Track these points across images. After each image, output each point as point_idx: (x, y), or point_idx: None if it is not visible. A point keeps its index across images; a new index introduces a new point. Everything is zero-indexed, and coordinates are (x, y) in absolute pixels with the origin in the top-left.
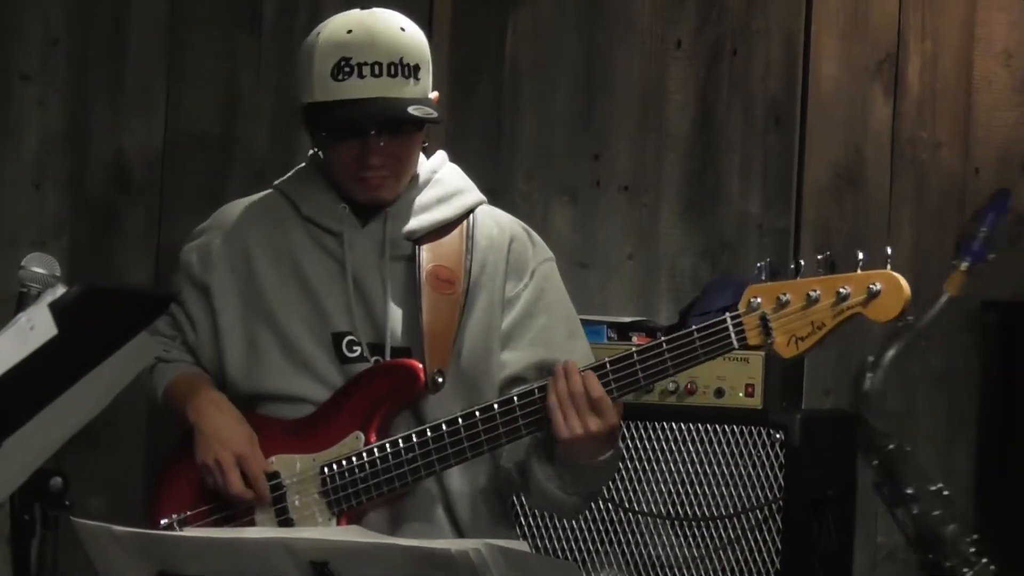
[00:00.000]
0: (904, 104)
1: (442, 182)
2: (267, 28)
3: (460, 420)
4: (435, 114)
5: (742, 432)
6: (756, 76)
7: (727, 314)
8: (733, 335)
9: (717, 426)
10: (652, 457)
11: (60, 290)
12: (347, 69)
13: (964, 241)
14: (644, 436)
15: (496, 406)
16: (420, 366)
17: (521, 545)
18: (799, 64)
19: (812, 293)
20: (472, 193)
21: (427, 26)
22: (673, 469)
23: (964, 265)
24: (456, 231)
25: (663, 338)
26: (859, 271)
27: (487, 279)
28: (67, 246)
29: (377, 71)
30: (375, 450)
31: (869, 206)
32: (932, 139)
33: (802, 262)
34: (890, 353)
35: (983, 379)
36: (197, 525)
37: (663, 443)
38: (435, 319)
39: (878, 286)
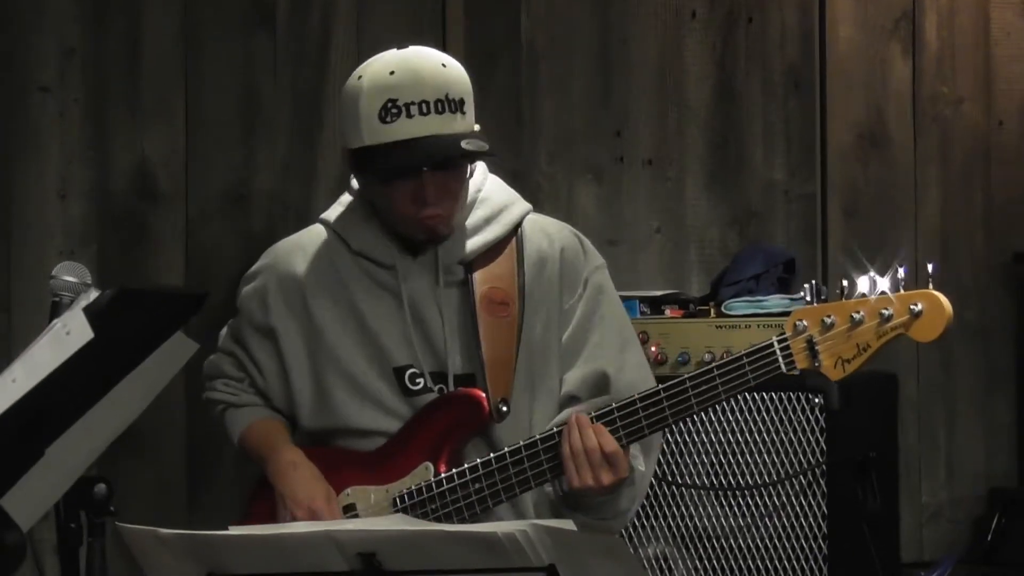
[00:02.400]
0: (923, 61)
1: (488, 200)
2: (281, 28)
3: (523, 449)
4: (487, 146)
5: (781, 399)
6: (773, 42)
7: (774, 338)
8: (781, 359)
9: (755, 394)
10: (693, 429)
11: (93, 294)
12: (394, 111)
13: None
14: None
15: (540, 443)
16: (484, 397)
17: (568, 524)
18: (815, 27)
19: (856, 315)
20: (517, 205)
21: (440, 14)
22: (715, 440)
23: None
24: (507, 249)
25: (714, 364)
26: (901, 290)
27: (542, 294)
28: (95, 255)
29: (425, 109)
30: (444, 481)
31: (894, 166)
32: (953, 94)
33: (844, 283)
34: None
35: (1019, 331)
36: None
37: (703, 415)
38: (494, 347)
39: (919, 306)
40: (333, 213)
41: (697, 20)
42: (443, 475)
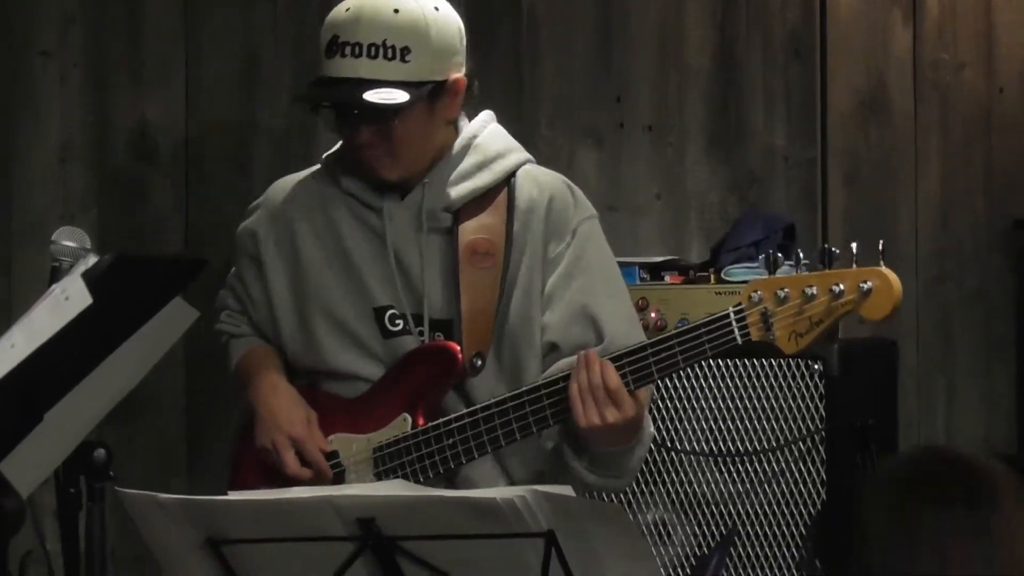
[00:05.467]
0: (924, 27)
1: (481, 147)
2: None
3: (495, 406)
4: (399, 100)
5: (780, 365)
6: (774, 8)
7: (730, 309)
8: (736, 329)
9: (755, 360)
10: (692, 395)
11: (92, 260)
12: (334, 47)
13: None
14: (682, 374)
15: (526, 393)
16: (458, 350)
17: (567, 490)
18: None
19: (808, 290)
20: (514, 155)
21: None
22: (714, 406)
23: None
24: (498, 199)
25: (673, 331)
26: (854, 266)
27: (528, 243)
28: (95, 220)
29: (357, 51)
30: (420, 433)
31: (895, 132)
32: (955, 61)
33: (800, 252)
34: None
35: (1019, 298)
36: None
37: (702, 380)
38: (473, 299)
39: (868, 284)
40: (331, 152)
41: None
42: (420, 428)
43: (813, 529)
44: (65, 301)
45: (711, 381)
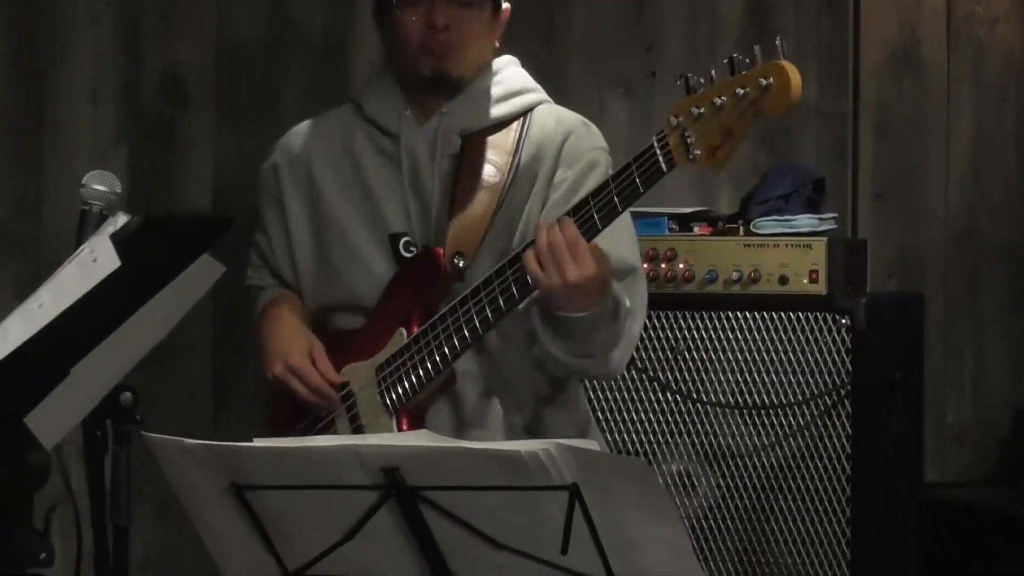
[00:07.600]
0: None
1: (503, 83)
2: None
3: (470, 294)
4: None
5: (807, 318)
6: None
7: (653, 137)
8: (660, 157)
9: (782, 313)
10: (718, 347)
11: (122, 219)
12: None
13: None
14: (709, 326)
15: (496, 273)
16: (439, 252)
17: (591, 444)
18: None
19: (717, 100)
20: (534, 93)
21: None
22: (740, 358)
23: None
24: (510, 129)
25: (609, 176)
26: (755, 68)
27: (539, 173)
28: (125, 158)
29: None
30: (412, 343)
31: (927, 85)
32: (988, 14)
33: (713, 72)
34: None
35: None
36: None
37: (728, 332)
38: (469, 207)
39: (769, 79)
40: (361, 85)
41: None
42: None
43: None
44: (93, 263)
45: (737, 333)
